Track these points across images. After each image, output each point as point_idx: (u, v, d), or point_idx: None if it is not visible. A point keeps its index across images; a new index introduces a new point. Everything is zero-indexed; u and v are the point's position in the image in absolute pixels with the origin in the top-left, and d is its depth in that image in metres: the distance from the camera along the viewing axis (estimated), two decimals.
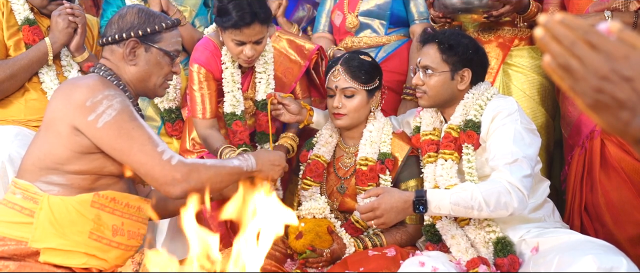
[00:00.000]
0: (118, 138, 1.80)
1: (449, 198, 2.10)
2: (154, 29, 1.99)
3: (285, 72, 2.76)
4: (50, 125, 1.87)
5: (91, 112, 1.80)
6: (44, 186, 1.85)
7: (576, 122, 2.62)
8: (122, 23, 1.99)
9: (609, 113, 0.80)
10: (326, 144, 2.56)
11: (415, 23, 3.05)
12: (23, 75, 2.68)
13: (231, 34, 2.49)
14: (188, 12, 3.18)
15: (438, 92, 2.31)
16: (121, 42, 1.98)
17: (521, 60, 2.83)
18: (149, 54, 2.00)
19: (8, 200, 1.88)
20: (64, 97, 1.86)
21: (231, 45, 2.53)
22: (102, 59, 2.03)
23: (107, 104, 1.82)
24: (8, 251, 1.82)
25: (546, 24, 0.81)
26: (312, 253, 2.27)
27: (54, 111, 1.88)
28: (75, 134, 1.83)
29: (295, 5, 3.53)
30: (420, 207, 2.12)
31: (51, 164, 1.85)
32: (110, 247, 1.90)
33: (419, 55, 2.37)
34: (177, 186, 1.81)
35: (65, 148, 1.84)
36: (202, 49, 2.66)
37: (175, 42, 2.06)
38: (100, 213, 1.87)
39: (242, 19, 2.44)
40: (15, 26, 2.75)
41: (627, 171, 2.46)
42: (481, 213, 2.10)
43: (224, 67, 2.64)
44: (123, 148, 1.81)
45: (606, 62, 0.79)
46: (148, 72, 2.01)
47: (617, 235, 2.42)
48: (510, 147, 2.13)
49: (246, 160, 2.00)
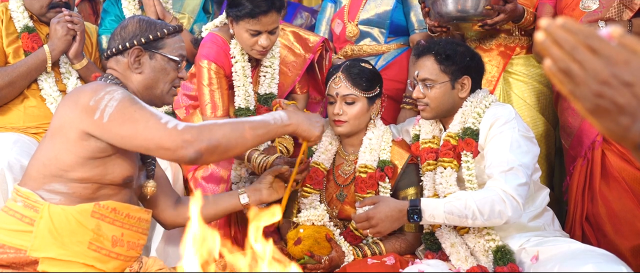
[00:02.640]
0: (123, 124, 1.78)
1: (443, 208, 2.10)
2: (156, 36, 2.00)
3: (289, 65, 2.75)
4: (58, 131, 1.86)
5: (95, 110, 1.79)
6: (46, 194, 1.84)
7: (577, 133, 2.61)
8: (125, 33, 2.01)
9: (609, 118, 0.80)
10: (326, 152, 2.56)
11: (415, 32, 3.05)
12: (21, 82, 2.68)
13: (246, 24, 2.47)
14: (186, 19, 3.18)
15: (441, 103, 2.31)
16: (125, 51, 1.99)
17: (522, 68, 2.84)
18: (154, 61, 2.01)
19: (9, 208, 1.87)
20: (71, 102, 1.86)
21: (245, 36, 2.51)
22: (109, 69, 2.04)
23: (109, 98, 1.81)
24: (7, 259, 1.81)
25: (547, 28, 0.81)
26: (311, 259, 2.26)
27: (61, 117, 1.86)
28: (84, 139, 1.81)
29: (294, 13, 3.54)
30: (415, 216, 2.11)
31: (55, 170, 1.84)
32: (109, 257, 1.88)
33: (416, 69, 2.36)
34: (189, 148, 1.75)
35: (71, 154, 1.82)
36: (210, 44, 2.62)
37: (179, 48, 2.06)
38: (100, 223, 1.86)
39: (258, 7, 2.42)
40: (15, 33, 2.75)
41: (628, 181, 2.46)
42: (475, 222, 2.10)
43: (234, 61, 2.60)
44: (130, 133, 1.78)
45: (606, 66, 0.78)
46: (154, 79, 2.01)
47: (619, 245, 2.41)
48: (506, 155, 2.13)
49: (273, 114, 1.94)
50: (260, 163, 2.42)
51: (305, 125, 1.98)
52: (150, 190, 2.06)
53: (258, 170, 2.43)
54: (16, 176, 2.43)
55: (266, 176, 2.32)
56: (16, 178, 2.41)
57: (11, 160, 2.46)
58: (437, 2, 2.68)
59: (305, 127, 1.98)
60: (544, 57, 0.81)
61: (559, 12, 2.72)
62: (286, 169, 2.32)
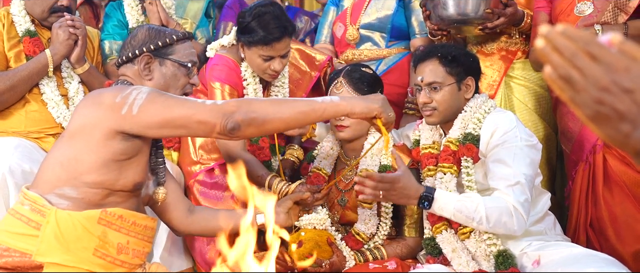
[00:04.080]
0: (156, 112, 1.78)
1: (454, 204, 2.10)
2: (165, 42, 2.02)
3: (296, 83, 2.75)
4: (79, 132, 1.85)
5: (123, 105, 1.79)
6: (54, 199, 1.84)
7: (578, 138, 2.61)
8: (135, 41, 2.03)
9: (609, 125, 0.80)
10: (327, 157, 2.56)
11: (417, 37, 3.05)
12: (23, 86, 2.68)
13: (259, 50, 2.47)
14: (189, 24, 3.19)
15: (449, 106, 2.30)
16: (135, 59, 2.01)
17: (523, 73, 2.84)
18: (164, 67, 2.02)
19: (16, 211, 1.87)
20: (93, 103, 1.86)
21: (258, 61, 2.51)
22: (121, 76, 2.05)
23: (137, 92, 1.82)
24: (12, 262, 1.81)
25: (547, 35, 0.81)
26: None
27: (83, 118, 1.86)
28: (109, 138, 1.81)
29: (293, 17, 3.54)
30: (426, 203, 2.11)
31: (72, 172, 1.83)
32: (114, 265, 1.88)
33: (419, 74, 2.35)
34: (229, 119, 1.76)
35: (93, 154, 1.82)
36: (221, 67, 2.62)
37: (190, 53, 2.07)
38: (106, 230, 1.86)
39: (271, 34, 2.43)
40: (16, 38, 2.76)
41: (628, 184, 2.45)
42: (479, 226, 2.11)
43: (246, 83, 2.60)
44: (166, 117, 1.78)
45: (607, 73, 0.79)
46: (164, 85, 2.02)
47: (620, 249, 2.40)
48: (510, 169, 2.13)
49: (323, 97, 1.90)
50: (282, 191, 2.42)
51: (362, 103, 1.89)
52: (162, 196, 2.08)
53: (279, 197, 2.42)
54: (17, 181, 2.42)
55: (286, 201, 2.33)
56: (17, 183, 2.41)
57: (12, 164, 2.46)
58: (438, 5, 2.69)
59: (363, 105, 1.89)
60: (544, 63, 0.81)
61: (554, 18, 2.72)
62: (308, 196, 2.33)
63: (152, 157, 2.02)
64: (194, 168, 2.76)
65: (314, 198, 2.36)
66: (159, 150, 2.06)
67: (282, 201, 2.33)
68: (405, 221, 2.44)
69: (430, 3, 2.75)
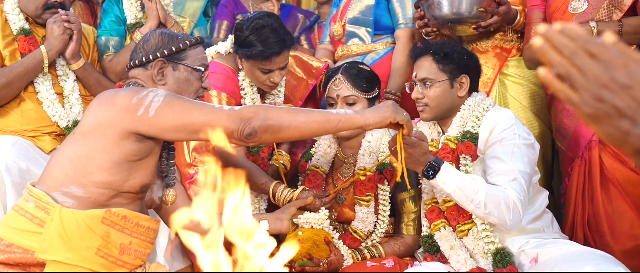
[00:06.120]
0: (174, 115, 1.79)
1: (457, 181, 2.08)
2: (179, 48, 2.03)
3: (292, 89, 2.74)
4: (92, 131, 1.84)
5: (139, 107, 1.79)
6: (60, 197, 1.84)
7: (574, 134, 2.61)
8: (148, 47, 2.04)
9: (609, 123, 0.81)
10: (325, 155, 2.56)
11: (401, 27, 3.02)
12: (19, 83, 2.67)
13: (258, 64, 2.46)
14: (187, 23, 3.18)
15: (440, 103, 2.31)
16: (148, 64, 2.02)
17: (518, 70, 2.86)
18: (178, 73, 2.03)
19: (20, 207, 1.87)
20: (108, 103, 1.85)
21: (257, 73, 2.49)
22: (133, 78, 2.05)
23: (154, 95, 1.82)
24: (15, 259, 1.81)
25: (546, 33, 0.81)
26: (309, 262, 2.25)
27: (97, 117, 1.85)
28: (124, 138, 1.81)
29: (288, 15, 3.54)
30: (431, 171, 2.09)
31: (82, 170, 1.83)
32: (116, 265, 1.88)
33: (415, 70, 2.36)
34: (247, 125, 1.78)
35: (106, 153, 1.82)
36: (219, 75, 2.58)
37: (202, 58, 2.08)
38: (110, 230, 1.86)
39: (270, 49, 2.41)
40: (11, 36, 2.75)
41: (621, 182, 2.46)
42: (476, 210, 2.10)
43: (244, 93, 2.59)
44: (183, 122, 1.79)
45: (606, 71, 0.79)
46: (178, 90, 2.02)
47: (613, 246, 2.41)
48: (510, 165, 2.13)
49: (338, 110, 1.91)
50: (286, 198, 2.41)
51: (374, 114, 1.89)
52: (172, 198, 2.09)
53: (282, 205, 2.42)
54: (14, 179, 2.42)
55: (290, 208, 2.35)
56: (14, 181, 2.41)
57: (9, 163, 2.45)
58: (432, 5, 2.72)
59: (376, 116, 1.89)
60: (543, 62, 0.81)
61: (549, 17, 2.73)
62: (312, 201, 2.34)
63: (164, 160, 2.03)
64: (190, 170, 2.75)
65: (322, 203, 2.37)
66: (172, 152, 2.07)
67: (286, 207, 2.35)
68: (403, 219, 2.44)
69: (424, 3, 2.77)
